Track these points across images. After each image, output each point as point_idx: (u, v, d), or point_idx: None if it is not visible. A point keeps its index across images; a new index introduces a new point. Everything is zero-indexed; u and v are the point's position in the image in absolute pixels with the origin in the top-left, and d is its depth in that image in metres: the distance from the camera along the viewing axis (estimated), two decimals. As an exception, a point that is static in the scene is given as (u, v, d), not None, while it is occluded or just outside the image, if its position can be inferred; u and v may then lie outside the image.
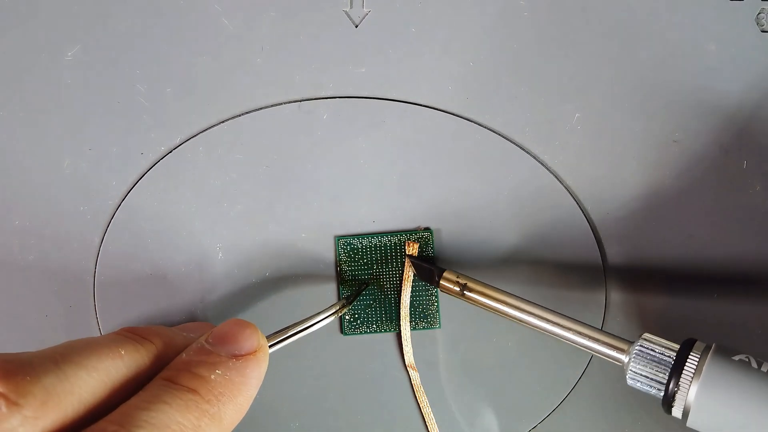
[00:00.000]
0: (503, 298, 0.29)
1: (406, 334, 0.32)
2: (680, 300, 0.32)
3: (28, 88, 0.32)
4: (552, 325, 0.28)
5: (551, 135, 0.32)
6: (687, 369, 0.25)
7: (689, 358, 0.25)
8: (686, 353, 0.26)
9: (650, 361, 0.26)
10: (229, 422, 0.23)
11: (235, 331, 0.25)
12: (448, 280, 0.30)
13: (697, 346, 0.26)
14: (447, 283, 0.30)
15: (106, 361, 0.22)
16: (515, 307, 0.29)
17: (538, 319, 0.28)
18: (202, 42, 0.32)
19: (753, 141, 0.31)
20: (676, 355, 0.26)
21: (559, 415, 0.32)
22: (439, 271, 0.30)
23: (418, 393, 0.32)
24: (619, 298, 0.32)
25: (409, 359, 0.32)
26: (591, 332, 0.27)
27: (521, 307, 0.28)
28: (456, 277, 0.30)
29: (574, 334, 0.28)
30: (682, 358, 0.26)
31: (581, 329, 0.28)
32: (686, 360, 0.25)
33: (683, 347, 0.26)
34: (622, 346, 0.27)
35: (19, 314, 0.32)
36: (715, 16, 0.31)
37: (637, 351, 0.26)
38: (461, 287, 0.29)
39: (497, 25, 0.32)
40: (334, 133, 0.32)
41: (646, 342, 0.26)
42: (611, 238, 0.32)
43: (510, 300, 0.29)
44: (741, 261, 0.31)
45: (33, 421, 0.20)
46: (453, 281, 0.30)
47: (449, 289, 0.30)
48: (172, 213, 0.32)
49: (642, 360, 0.26)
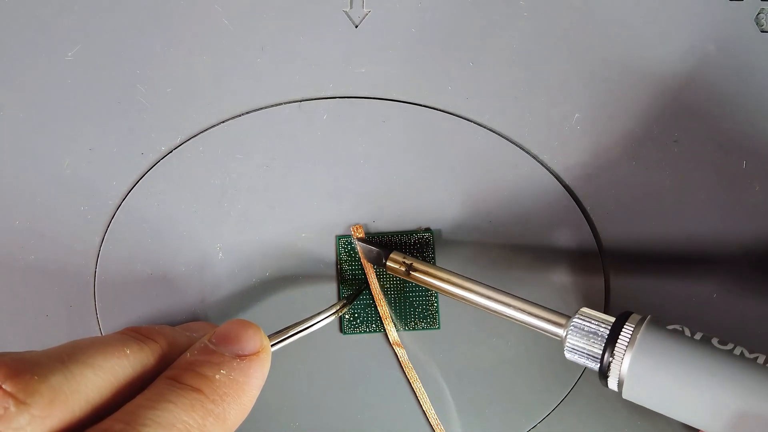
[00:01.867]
0: (446, 276, 0.29)
1: (385, 313, 0.32)
2: (680, 300, 0.32)
3: (28, 88, 0.32)
4: (492, 302, 0.28)
5: (551, 135, 0.32)
6: (621, 340, 0.26)
7: (623, 329, 0.26)
8: (621, 325, 0.26)
9: (586, 333, 0.26)
10: (233, 422, 0.23)
11: (238, 331, 0.25)
12: (394, 260, 0.31)
13: (632, 318, 0.26)
14: (393, 264, 0.31)
15: (112, 360, 0.23)
16: (457, 285, 0.29)
17: (480, 297, 0.29)
18: (202, 42, 0.32)
19: (753, 141, 0.31)
20: (611, 327, 0.26)
21: (558, 415, 0.32)
22: (386, 253, 0.31)
23: (406, 369, 0.32)
24: (618, 298, 0.32)
25: (393, 337, 0.32)
26: (530, 308, 0.28)
27: (464, 285, 0.29)
28: (402, 258, 0.31)
29: (514, 310, 0.28)
30: (617, 330, 0.26)
31: (520, 305, 0.28)
32: (621, 331, 0.26)
33: (618, 319, 0.26)
34: (561, 321, 0.27)
35: (20, 314, 0.32)
36: (715, 16, 0.31)
37: (573, 324, 0.27)
38: (407, 267, 0.30)
39: (497, 25, 0.32)
40: (334, 133, 0.32)
41: (582, 315, 0.27)
42: (611, 237, 0.32)
43: (453, 278, 0.29)
44: (741, 261, 0.31)
45: (41, 420, 0.20)
46: (399, 262, 0.31)
47: (396, 269, 0.31)
48: (172, 213, 0.32)
49: (579, 333, 0.27)
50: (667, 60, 0.31)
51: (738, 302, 0.32)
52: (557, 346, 0.32)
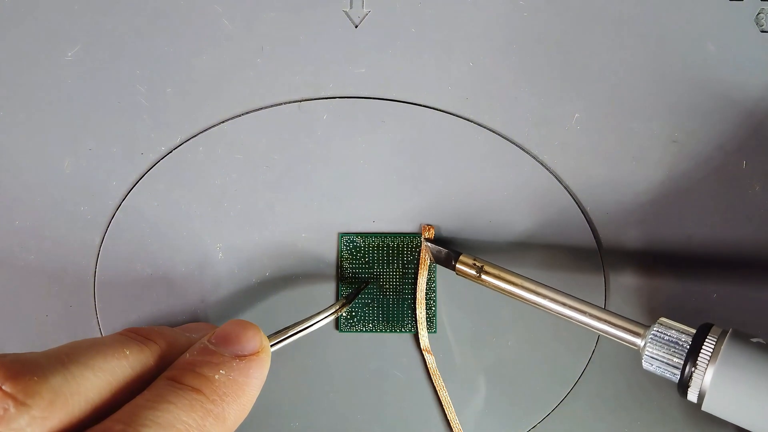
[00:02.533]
0: (519, 281, 0.29)
1: (422, 317, 0.32)
2: (679, 300, 0.32)
3: (28, 88, 0.32)
4: (567, 309, 0.28)
5: (551, 135, 0.32)
6: (704, 351, 0.25)
7: (706, 341, 0.25)
8: (703, 336, 0.26)
9: (666, 343, 0.26)
10: (233, 422, 0.23)
11: (237, 332, 0.25)
12: (464, 263, 0.30)
13: (713, 330, 0.26)
14: (464, 267, 0.30)
15: (112, 361, 0.23)
16: (531, 290, 0.29)
17: (554, 303, 0.28)
18: (202, 42, 0.32)
19: (753, 141, 0.31)
20: (693, 339, 0.26)
21: (558, 415, 0.32)
22: (455, 255, 0.30)
23: (434, 377, 0.32)
24: (618, 299, 0.32)
25: (424, 343, 0.32)
26: (606, 316, 0.27)
27: (537, 291, 0.28)
28: (473, 260, 0.30)
29: (590, 318, 0.28)
30: (699, 341, 0.26)
31: (597, 313, 0.28)
32: (703, 343, 0.25)
33: (700, 331, 0.26)
34: (638, 330, 0.27)
35: (19, 314, 0.32)
36: (715, 16, 0.31)
37: (653, 334, 0.26)
38: (478, 270, 0.29)
39: (497, 25, 0.32)
40: (334, 133, 0.32)
41: (662, 326, 0.26)
42: (611, 238, 0.32)
43: (526, 284, 0.29)
44: (741, 261, 0.31)
45: (41, 421, 0.20)
46: (470, 264, 0.30)
47: (465, 272, 0.30)
48: (172, 213, 0.32)
49: (658, 343, 0.26)
50: (667, 60, 0.31)
51: (738, 302, 0.32)
52: (557, 347, 0.32)
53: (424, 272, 0.32)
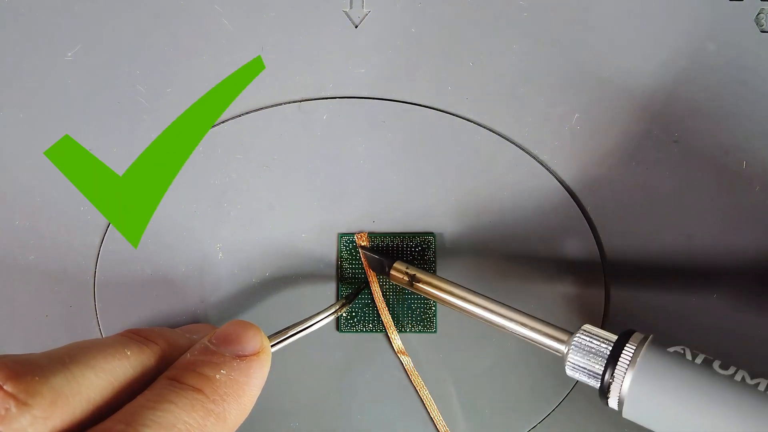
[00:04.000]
0: (449, 288, 0.30)
1: (388, 321, 0.32)
2: (679, 299, 0.32)
3: (28, 88, 0.32)
4: (494, 315, 0.28)
5: (551, 135, 0.32)
6: (622, 360, 0.25)
7: (625, 349, 0.26)
8: (622, 344, 0.26)
9: (588, 352, 0.26)
10: (234, 422, 0.23)
11: (238, 332, 0.25)
12: (397, 270, 0.31)
13: (634, 337, 0.26)
14: (397, 273, 0.31)
15: (113, 361, 0.23)
16: (460, 297, 0.29)
17: (482, 310, 0.29)
18: (202, 42, 0.32)
19: (753, 141, 0.31)
20: (613, 346, 0.26)
21: (558, 416, 0.32)
22: (389, 262, 0.31)
23: (412, 376, 0.32)
24: (618, 297, 0.32)
25: (397, 345, 0.32)
26: (532, 322, 0.28)
27: (466, 297, 0.29)
28: (405, 268, 0.31)
29: (516, 324, 0.28)
30: (618, 349, 0.26)
31: (522, 319, 0.28)
32: (622, 350, 0.26)
33: (620, 338, 0.26)
34: (562, 337, 0.27)
35: (19, 314, 0.32)
36: (715, 16, 0.31)
37: (575, 342, 0.27)
38: (410, 278, 0.30)
39: (497, 25, 0.32)
40: (334, 133, 0.32)
41: (584, 333, 0.27)
42: (611, 238, 0.32)
43: (456, 290, 0.29)
44: (741, 261, 0.31)
45: (42, 421, 0.20)
46: (402, 272, 0.31)
47: (399, 279, 0.31)
48: (172, 213, 0.32)
49: (580, 351, 0.26)
50: (667, 60, 0.31)
51: (738, 303, 0.32)
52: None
53: (374, 277, 0.32)
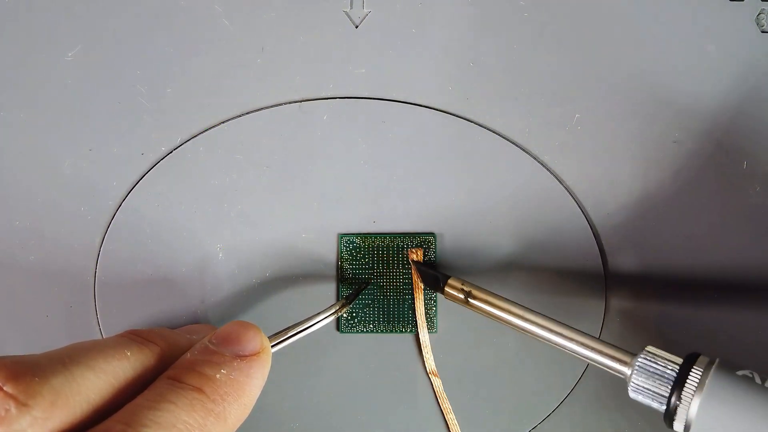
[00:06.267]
0: (507, 306, 0.29)
1: (426, 341, 0.32)
2: (680, 300, 0.32)
3: (28, 88, 0.32)
4: (556, 336, 0.28)
5: (551, 135, 0.32)
6: (689, 383, 0.25)
7: (692, 373, 0.25)
8: (689, 367, 0.25)
9: (652, 374, 0.26)
10: (234, 422, 0.23)
11: (238, 332, 0.25)
12: (452, 287, 0.30)
13: (700, 361, 0.26)
14: (452, 290, 0.30)
15: (113, 362, 0.23)
16: (519, 316, 0.28)
17: (542, 329, 0.28)
18: (202, 42, 0.32)
19: (753, 141, 0.31)
20: (679, 369, 0.26)
21: (558, 416, 0.32)
22: (444, 278, 0.30)
23: (441, 399, 0.32)
24: (619, 298, 0.32)
25: (430, 366, 0.32)
26: (594, 344, 0.27)
27: (525, 317, 0.28)
28: (461, 284, 0.30)
29: (578, 345, 0.27)
30: (685, 373, 0.25)
31: (584, 340, 0.27)
32: (689, 374, 0.25)
33: (686, 361, 0.26)
34: (625, 359, 0.27)
35: (20, 314, 0.32)
36: (715, 16, 0.31)
37: (639, 364, 0.26)
38: (466, 294, 0.29)
39: (497, 25, 0.32)
40: (334, 133, 0.32)
41: (648, 355, 0.26)
42: (611, 238, 0.32)
43: (514, 309, 0.29)
44: (741, 261, 0.31)
45: (42, 421, 0.20)
46: (458, 288, 0.30)
47: (454, 296, 0.30)
48: (172, 213, 0.32)
49: (644, 373, 0.26)
50: (667, 60, 0.31)
51: (738, 302, 0.32)
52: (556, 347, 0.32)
53: (420, 295, 0.32)
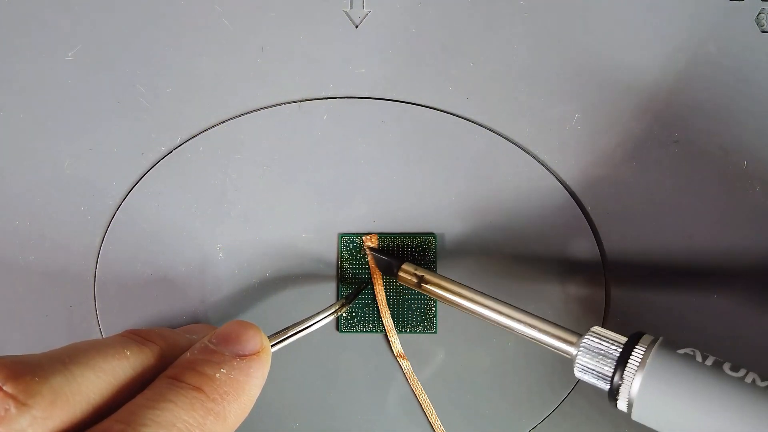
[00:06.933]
0: (458, 290, 0.29)
1: (390, 325, 0.32)
2: (680, 300, 0.32)
3: (28, 88, 0.32)
4: (503, 317, 0.28)
5: (551, 135, 0.32)
6: (631, 362, 0.25)
7: (634, 351, 0.25)
8: (632, 346, 0.26)
9: (597, 353, 0.26)
10: (233, 422, 0.23)
11: (238, 332, 0.25)
12: (406, 271, 0.31)
13: (643, 339, 0.26)
14: (405, 275, 0.31)
15: (113, 361, 0.23)
16: (468, 298, 0.29)
17: (490, 311, 0.29)
18: (202, 42, 0.32)
19: (753, 141, 0.31)
20: (622, 348, 0.26)
21: (558, 416, 0.32)
22: (398, 263, 0.31)
23: (411, 381, 0.32)
24: (619, 297, 0.32)
25: (397, 350, 0.32)
26: (542, 324, 0.28)
27: (474, 299, 0.29)
28: (414, 270, 0.31)
29: (526, 326, 0.28)
30: (628, 351, 0.26)
31: (532, 321, 0.28)
32: (631, 353, 0.26)
33: (630, 340, 0.26)
34: (572, 339, 0.27)
35: (19, 314, 0.32)
36: (715, 16, 0.31)
37: (584, 344, 0.26)
38: (418, 279, 0.30)
39: (497, 25, 0.32)
40: (334, 133, 0.32)
41: (594, 335, 0.27)
42: (611, 238, 0.32)
43: (464, 292, 0.29)
44: (741, 261, 0.31)
45: (42, 421, 0.20)
46: (411, 273, 0.31)
47: (407, 280, 0.31)
48: (172, 213, 0.32)
49: (589, 353, 0.26)
50: (667, 60, 0.31)
51: (738, 302, 0.32)
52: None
53: (379, 281, 0.32)
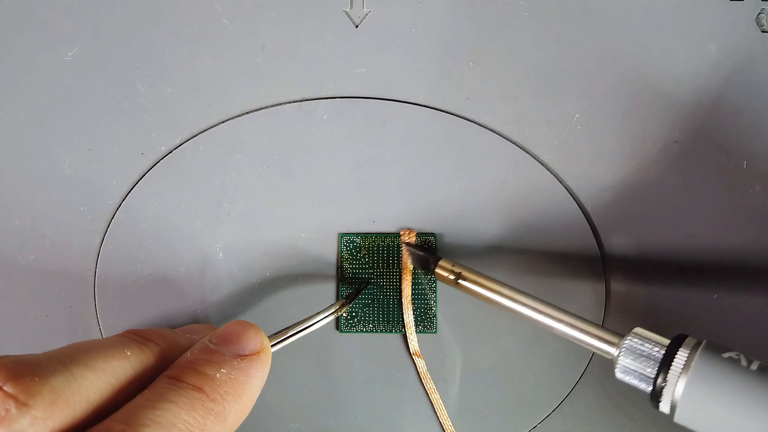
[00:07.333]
0: (497, 287, 0.29)
1: (410, 322, 0.32)
2: (680, 300, 0.32)
3: (28, 88, 0.32)
4: (544, 317, 0.28)
5: (551, 135, 0.32)
6: (675, 364, 0.25)
7: (678, 354, 0.25)
8: (675, 349, 0.26)
9: (639, 355, 0.26)
10: (233, 422, 0.23)
11: (238, 332, 0.25)
12: (443, 267, 0.30)
13: (687, 342, 0.26)
14: (442, 271, 0.30)
15: (113, 362, 0.23)
16: (508, 297, 0.29)
17: (531, 310, 0.28)
18: (202, 42, 0.32)
19: (753, 141, 0.31)
20: (666, 351, 0.26)
21: (559, 415, 0.32)
22: (435, 259, 0.30)
23: (424, 380, 0.32)
24: (619, 297, 0.32)
25: (413, 347, 0.32)
26: (582, 324, 0.27)
27: (514, 298, 0.29)
28: (451, 266, 0.30)
29: (566, 326, 0.28)
30: (671, 354, 0.25)
31: (573, 321, 0.28)
32: (675, 355, 0.25)
33: (673, 342, 0.26)
34: (613, 340, 0.27)
35: (19, 314, 0.32)
36: (715, 16, 0.31)
37: (626, 345, 0.26)
38: (456, 275, 0.30)
39: (497, 25, 0.32)
40: (334, 133, 0.32)
41: (636, 336, 0.26)
42: (611, 238, 0.32)
43: (503, 290, 0.29)
44: (741, 261, 0.31)
45: (42, 421, 0.20)
46: (448, 269, 0.30)
47: (444, 277, 0.30)
48: (172, 213, 0.32)
49: (631, 354, 0.26)
50: (667, 60, 0.31)
51: (738, 302, 0.32)
52: (557, 346, 0.32)
53: (408, 276, 0.32)
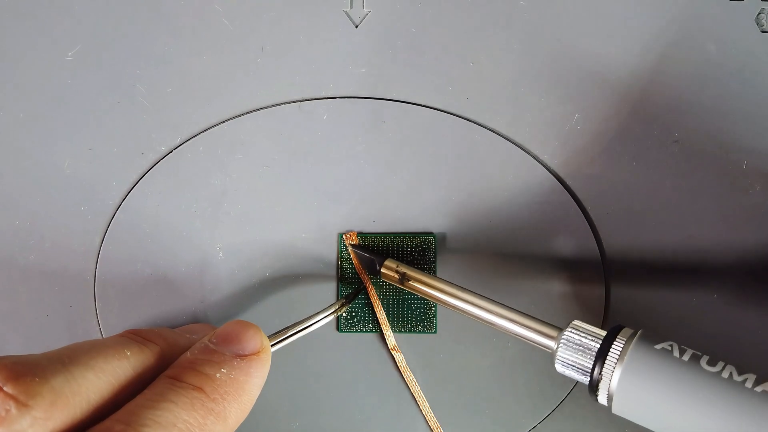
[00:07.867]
0: (440, 285, 0.30)
1: (383, 319, 0.32)
2: (680, 299, 0.32)
3: (28, 88, 0.32)
4: (485, 312, 0.28)
5: (551, 135, 0.32)
6: (611, 355, 0.25)
7: (613, 345, 0.26)
8: (611, 340, 0.26)
9: (577, 347, 0.26)
10: (234, 421, 0.23)
11: (238, 332, 0.25)
12: (388, 268, 0.31)
13: (623, 333, 0.26)
14: (387, 271, 0.31)
15: (113, 362, 0.23)
16: (451, 294, 0.29)
17: (473, 307, 0.29)
18: (202, 42, 0.32)
19: (753, 141, 0.31)
20: (602, 342, 0.26)
21: (558, 416, 0.32)
22: (380, 260, 0.31)
23: (404, 373, 0.32)
24: (618, 297, 0.32)
25: (390, 342, 0.32)
26: (522, 319, 0.28)
27: (457, 295, 0.29)
28: (396, 266, 0.31)
29: (506, 321, 0.28)
30: (607, 345, 0.26)
31: (512, 316, 0.28)
32: (611, 346, 0.26)
33: (609, 334, 0.26)
34: (552, 333, 0.27)
35: (19, 314, 0.32)
36: (715, 16, 0.31)
37: (564, 337, 0.27)
38: (401, 276, 0.30)
39: (497, 25, 0.32)
40: (334, 133, 0.32)
41: (574, 329, 0.27)
42: (611, 238, 0.32)
43: (446, 288, 0.30)
44: (741, 261, 0.31)
45: (42, 422, 0.20)
46: (393, 269, 0.31)
47: (390, 277, 0.31)
48: (172, 213, 0.32)
49: (569, 347, 0.26)
50: (667, 60, 0.31)
51: (738, 302, 0.32)
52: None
53: (365, 277, 0.32)
